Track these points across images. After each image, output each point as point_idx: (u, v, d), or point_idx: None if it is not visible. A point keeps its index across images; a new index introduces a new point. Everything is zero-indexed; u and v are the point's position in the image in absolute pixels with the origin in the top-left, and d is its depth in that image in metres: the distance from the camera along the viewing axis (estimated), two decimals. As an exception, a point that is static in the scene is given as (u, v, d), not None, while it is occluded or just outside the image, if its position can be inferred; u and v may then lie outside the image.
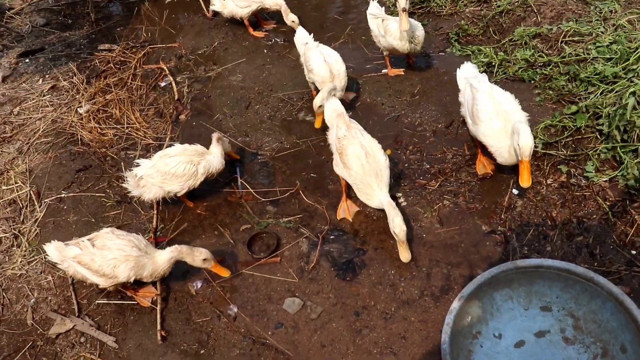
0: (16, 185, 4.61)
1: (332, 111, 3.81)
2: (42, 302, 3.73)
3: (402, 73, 4.98)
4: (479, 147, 3.86)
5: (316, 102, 4.04)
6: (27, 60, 6.25)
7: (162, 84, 5.49)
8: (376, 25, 4.74)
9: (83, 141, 4.94)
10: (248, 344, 3.26)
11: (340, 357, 3.12)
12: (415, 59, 5.07)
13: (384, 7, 5.05)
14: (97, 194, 4.40)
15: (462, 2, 5.59)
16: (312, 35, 4.73)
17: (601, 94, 3.97)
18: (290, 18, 5.36)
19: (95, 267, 3.24)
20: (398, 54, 4.76)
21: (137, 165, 3.89)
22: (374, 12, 4.78)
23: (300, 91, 5.04)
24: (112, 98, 5.36)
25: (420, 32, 4.56)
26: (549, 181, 3.72)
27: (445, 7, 5.61)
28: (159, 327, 3.38)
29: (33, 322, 3.63)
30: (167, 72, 5.56)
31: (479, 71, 4.03)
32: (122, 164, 4.60)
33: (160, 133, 4.88)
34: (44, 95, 5.61)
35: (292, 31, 5.13)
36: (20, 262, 4.00)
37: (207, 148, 4.00)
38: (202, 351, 3.26)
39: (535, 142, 3.31)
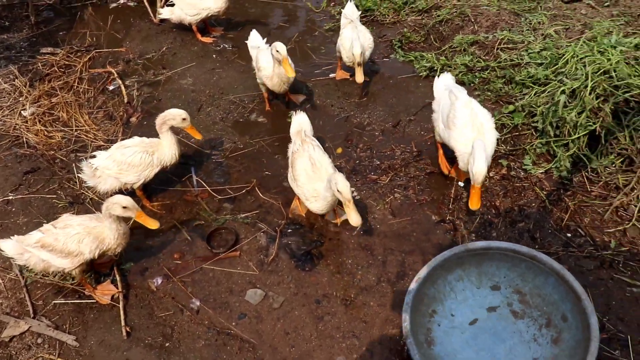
0: (-45, 191, 4.47)
1: (298, 125, 3.89)
2: (-6, 305, 3.64)
3: (349, 77, 5.18)
4: (440, 151, 4.06)
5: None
6: (-37, 65, 6.05)
7: (111, 88, 5.46)
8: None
9: (29, 144, 4.84)
10: (213, 334, 3.32)
11: (304, 343, 3.23)
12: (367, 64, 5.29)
13: (328, 15, 5.26)
14: (47, 196, 4.32)
15: (404, 11, 5.88)
16: (265, 39, 4.86)
17: (535, 94, 4.31)
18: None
19: (59, 246, 3.24)
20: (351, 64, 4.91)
21: (93, 156, 3.89)
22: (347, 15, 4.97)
23: (251, 94, 5.16)
24: (59, 101, 5.27)
25: (370, 43, 4.79)
26: (491, 174, 3.99)
27: (389, 16, 5.89)
28: (123, 322, 3.38)
29: (-17, 325, 3.53)
30: (116, 75, 5.53)
31: (422, 75, 4.26)
32: (73, 165, 4.54)
33: (111, 135, 4.86)
34: (-16, 99, 5.44)
35: (240, 37, 5.25)
36: (-34, 267, 3.88)
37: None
38: (167, 344, 3.29)
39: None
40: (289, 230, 3.87)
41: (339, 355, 3.15)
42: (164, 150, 3.94)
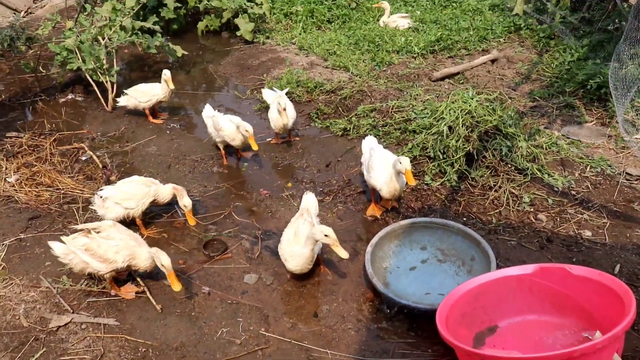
0: (-35, 238, 5.18)
1: (306, 203, 4.68)
2: (32, 310, 4.42)
3: (279, 142, 6.65)
4: (372, 197, 5.38)
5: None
6: None
7: (83, 158, 6.45)
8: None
9: (22, 201, 5.68)
10: (225, 305, 4.39)
11: (295, 302, 4.40)
12: (293, 132, 6.80)
13: (253, 99, 6.84)
14: (54, 234, 5.20)
15: (316, 92, 7.59)
16: (216, 110, 6.29)
17: (424, 135, 6.03)
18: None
19: (100, 252, 4.20)
20: (281, 131, 6.44)
21: (102, 190, 4.96)
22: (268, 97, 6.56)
23: (208, 154, 6.45)
24: (38, 170, 6.17)
25: (293, 115, 6.38)
26: (405, 190, 5.57)
27: (304, 96, 7.57)
28: (154, 302, 4.35)
29: (29, 323, 4.30)
30: (86, 148, 6.56)
31: (338, 134, 5.88)
32: (69, 212, 5.46)
33: (96, 190, 5.84)
34: (-37, 172, 6.18)
35: (182, 120, 6.77)
36: (-5, 289, 4.62)
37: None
38: (192, 313, 4.30)
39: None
40: (266, 236, 5.09)
41: (323, 304, 4.37)
42: (161, 189, 5.09)
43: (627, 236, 4.86)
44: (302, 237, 4.29)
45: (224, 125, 5.93)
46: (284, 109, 6.06)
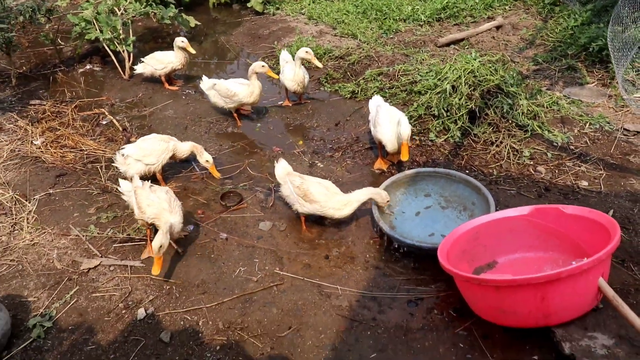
0: (-4, 193, 5.52)
1: (283, 170, 4.85)
2: (64, 255, 4.77)
3: (290, 104, 6.95)
4: (380, 152, 5.64)
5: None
6: (-43, 115, 7.07)
7: (104, 122, 6.79)
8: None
9: (48, 162, 6.02)
10: (242, 249, 4.71)
11: (308, 245, 4.70)
12: (304, 96, 7.09)
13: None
14: (81, 189, 5.54)
15: (325, 58, 7.85)
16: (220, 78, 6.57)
17: (429, 95, 6.28)
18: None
19: (138, 200, 4.51)
20: (299, 89, 6.71)
21: (123, 148, 5.28)
22: (285, 57, 6.80)
23: (224, 116, 6.76)
24: (62, 133, 6.51)
25: (307, 79, 6.64)
26: (411, 145, 5.85)
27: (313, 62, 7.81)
28: (175, 246, 4.67)
29: (62, 265, 4.65)
30: (107, 113, 6.89)
31: (346, 97, 6.15)
32: (92, 170, 5.80)
33: (118, 150, 6.17)
34: (-9, 135, 6.54)
35: (197, 86, 6.99)
36: (29, 237, 4.97)
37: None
38: (212, 255, 4.64)
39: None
40: (278, 189, 5.39)
41: (334, 247, 4.68)
42: (179, 145, 5.38)
43: (622, 185, 5.12)
44: (331, 186, 4.70)
45: (236, 89, 6.20)
46: (314, 56, 6.40)
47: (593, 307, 3.58)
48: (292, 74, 6.45)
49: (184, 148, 5.41)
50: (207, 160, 5.31)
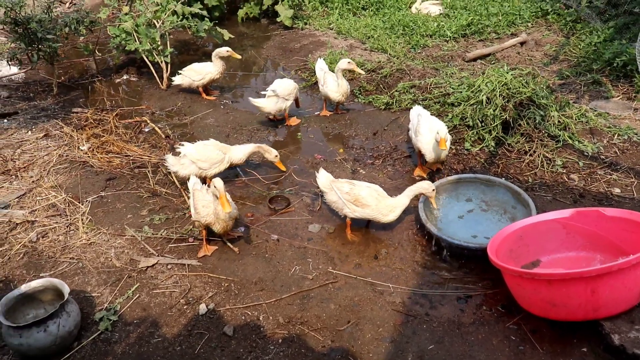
0: (50, 195, 5.75)
1: (325, 178, 5.01)
2: (121, 254, 4.99)
3: (328, 114, 7.21)
4: (419, 160, 5.87)
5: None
6: (5, 121, 7.34)
7: (146, 130, 7.05)
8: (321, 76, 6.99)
9: (96, 166, 6.27)
10: (294, 250, 4.92)
11: (356, 247, 4.93)
12: (340, 106, 7.35)
13: (298, 78, 7.38)
14: (131, 192, 5.78)
15: (357, 71, 8.11)
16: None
17: (463, 107, 6.54)
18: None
19: (199, 205, 4.73)
20: (331, 101, 6.99)
21: (182, 145, 5.51)
22: (322, 67, 7.08)
23: (265, 125, 7.02)
24: (107, 140, 6.77)
25: (349, 89, 6.92)
26: (448, 153, 6.09)
27: (346, 75, 8.09)
28: (231, 246, 4.90)
29: (121, 264, 4.87)
30: (149, 121, 7.15)
31: (381, 108, 6.42)
32: (140, 175, 6.03)
33: (162, 157, 6.42)
34: (40, 140, 6.80)
35: (234, 97, 7.26)
36: (86, 237, 5.19)
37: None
38: (266, 255, 4.86)
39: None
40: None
41: (381, 248, 4.90)
42: (234, 153, 5.63)
43: (654, 192, 5.35)
44: (380, 190, 4.94)
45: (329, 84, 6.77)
46: (355, 65, 6.70)
47: (639, 302, 3.79)
48: (336, 85, 6.71)
49: (239, 156, 5.64)
50: (275, 155, 5.64)
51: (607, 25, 8.55)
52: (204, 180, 5.56)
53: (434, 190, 4.80)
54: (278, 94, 6.60)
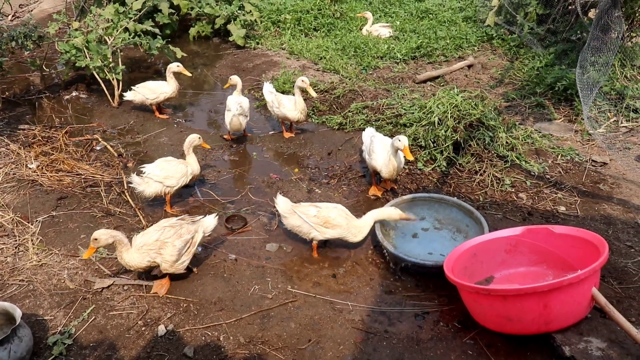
0: (-4, 215, 5.54)
1: (285, 203, 4.99)
2: (75, 275, 4.86)
3: (293, 135, 7.26)
4: (373, 179, 5.99)
5: None
6: (-53, 140, 7.04)
7: (98, 148, 6.91)
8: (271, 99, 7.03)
9: (46, 185, 6.09)
10: (252, 269, 4.92)
11: (314, 266, 4.97)
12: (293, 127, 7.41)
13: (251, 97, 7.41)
14: (84, 211, 5.64)
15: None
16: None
17: (415, 128, 6.73)
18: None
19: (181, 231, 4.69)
20: (289, 121, 7.04)
21: (143, 168, 5.43)
22: (270, 89, 7.12)
23: (219, 144, 7.00)
24: (56, 157, 6.59)
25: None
26: (401, 174, 6.24)
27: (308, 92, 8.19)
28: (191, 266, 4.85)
29: (75, 285, 4.74)
30: (100, 139, 7.01)
31: (335, 128, 6.54)
32: (92, 194, 5.90)
33: (115, 176, 6.31)
34: (-16, 160, 6.54)
35: (186, 116, 7.25)
36: (36, 258, 5.03)
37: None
38: (224, 275, 4.83)
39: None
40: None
41: (339, 267, 4.96)
42: (192, 164, 5.61)
43: (595, 209, 5.63)
44: (346, 211, 4.99)
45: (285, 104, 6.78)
46: (309, 85, 6.66)
47: (587, 315, 3.98)
48: (293, 104, 6.76)
49: (196, 165, 5.62)
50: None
51: (548, 51, 9.00)
52: (164, 198, 5.51)
53: (399, 215, 4.88)
54: (245, 109, 6.63)
